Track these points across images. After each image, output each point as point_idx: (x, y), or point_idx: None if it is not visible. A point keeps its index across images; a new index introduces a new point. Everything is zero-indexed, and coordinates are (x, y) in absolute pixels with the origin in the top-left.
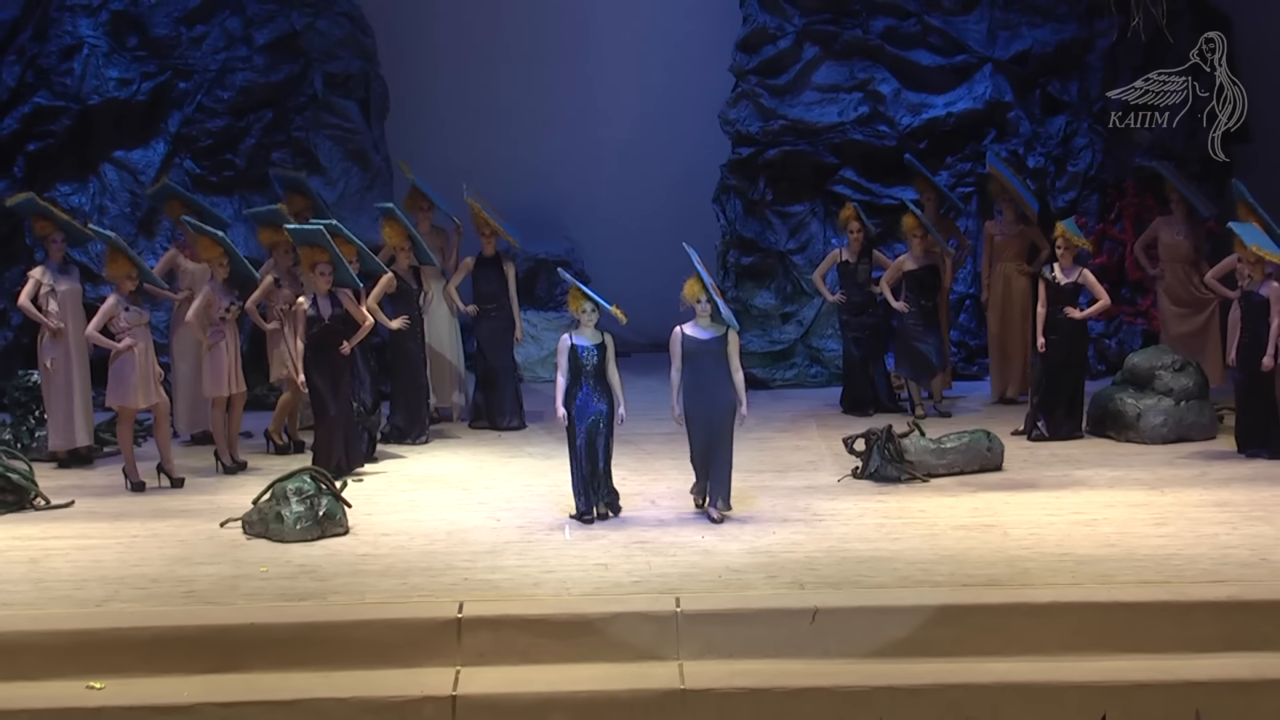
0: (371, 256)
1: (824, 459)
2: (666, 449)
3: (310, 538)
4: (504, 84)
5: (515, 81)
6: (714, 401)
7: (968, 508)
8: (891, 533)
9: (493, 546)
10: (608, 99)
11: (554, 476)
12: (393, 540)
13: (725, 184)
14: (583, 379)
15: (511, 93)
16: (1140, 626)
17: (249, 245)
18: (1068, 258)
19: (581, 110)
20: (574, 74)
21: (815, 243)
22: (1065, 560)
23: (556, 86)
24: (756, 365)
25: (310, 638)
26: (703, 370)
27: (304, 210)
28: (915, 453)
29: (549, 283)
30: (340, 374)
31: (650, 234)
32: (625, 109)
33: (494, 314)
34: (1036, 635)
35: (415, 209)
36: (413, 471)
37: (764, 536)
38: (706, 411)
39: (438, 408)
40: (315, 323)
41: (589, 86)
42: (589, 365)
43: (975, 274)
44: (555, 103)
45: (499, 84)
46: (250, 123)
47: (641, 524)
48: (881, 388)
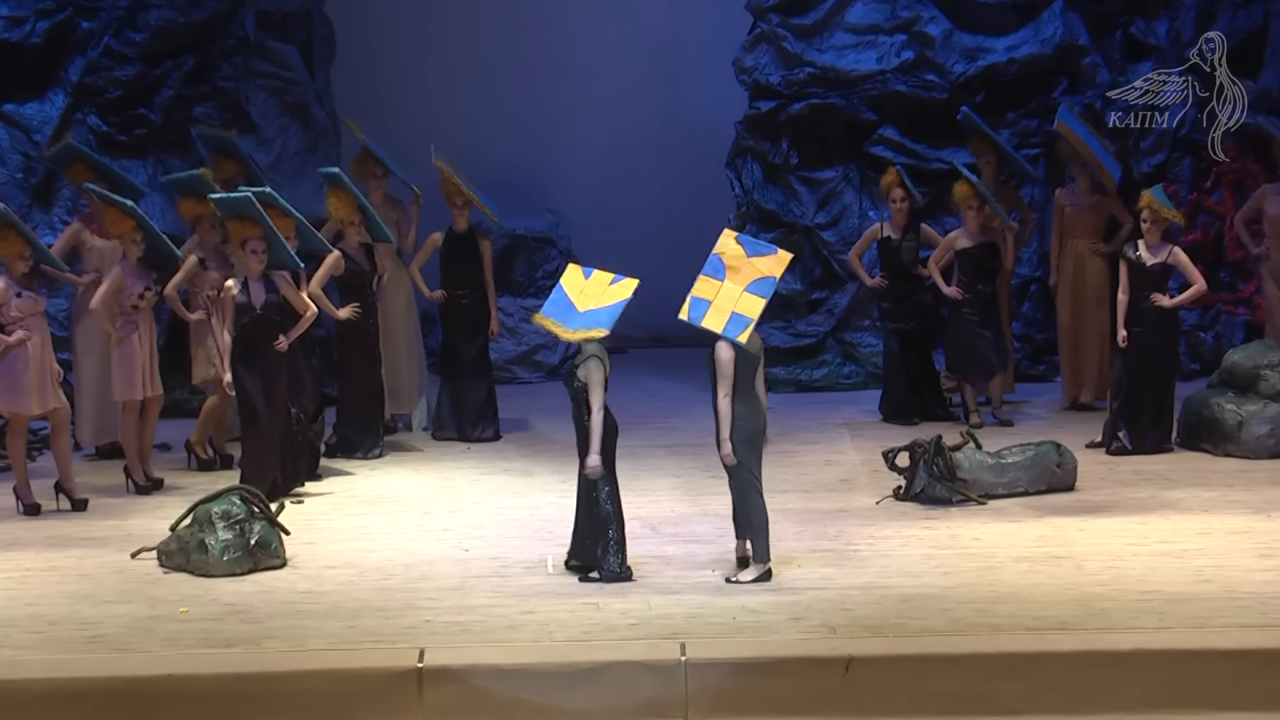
0: (314, 232)
1: (860, 477)
2: (669, 464)
3: (240, 571)
4: (476, 25)
5: (490, 22)
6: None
7: (1033, 535)
8: (941, 566)
9: (460, 582)
10: (600, 43)
11: (534, 498)
12: (340, 574)
13: (741, 145)
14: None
15: (485, 36)
16: (1241, 680)
17: (167, 218)
18: (1155, 233)
19: (569, 57)
20: (560, 13)
21: (849, 215)
22: (1150, 599)
23: (539, 29)
24: (779, 364)
25: (240, 692)
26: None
27: (233, 176)
28: (970, 469)
29: (529, 263)
30: (276, 374)
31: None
32: (621, 55)
33: (464, 301)
34: (1116, 690)
35: (367, 175)
36: (364, 492)
37: (787, 570)
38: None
39: (394, 415)
40: (246, 312)
41: (578, 28)
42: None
43: (1043, 253)
44: (537, 49)
45: (470, 25)
46: (167, 71)
47: (640, 555)
48: (929, 391)
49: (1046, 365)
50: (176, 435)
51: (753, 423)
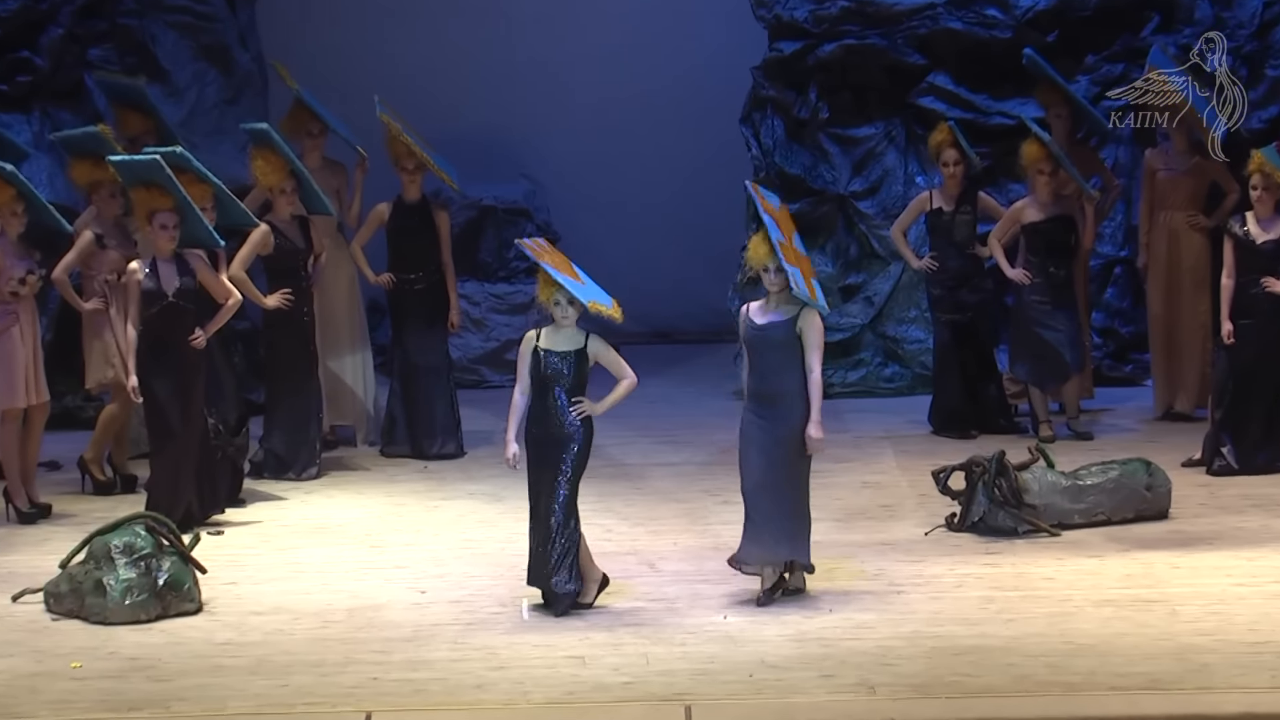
0: (236, 203)
1: (905, 502)
2: (672, 487)
3: (145, 617)
4: None
5: None
6: (775, 415)
7: (1117, 574)
8: (1005, 611)
9: (415, 631)
10: None
11: (506, 528)
12: (268, 622)
13: (759, 95)
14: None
15: None
16: None
17: (56, 186)
18: (1267, 204)
19: None
20: None
21: (892, 182)
22: (1261, 652)
23: None
24: None
25: None
26: (764, 369)
27: (139, 134)
28: (1040, 493)
29: (498, 241)
30: (191, 376)
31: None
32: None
33: (419, 288)
34: None
35: (301, 132)
36: (297, 520)
37: (816, 616)
38: (763, 430)
39: (334, 426)
40: (154, 300)
41: None
42: (561, 381)
43: (1129, 228)
44: None
45: None
46: (56, 5)
47: (636, 598)
48: (990, 397)
49: (1134, 366)
50: (68, 451)
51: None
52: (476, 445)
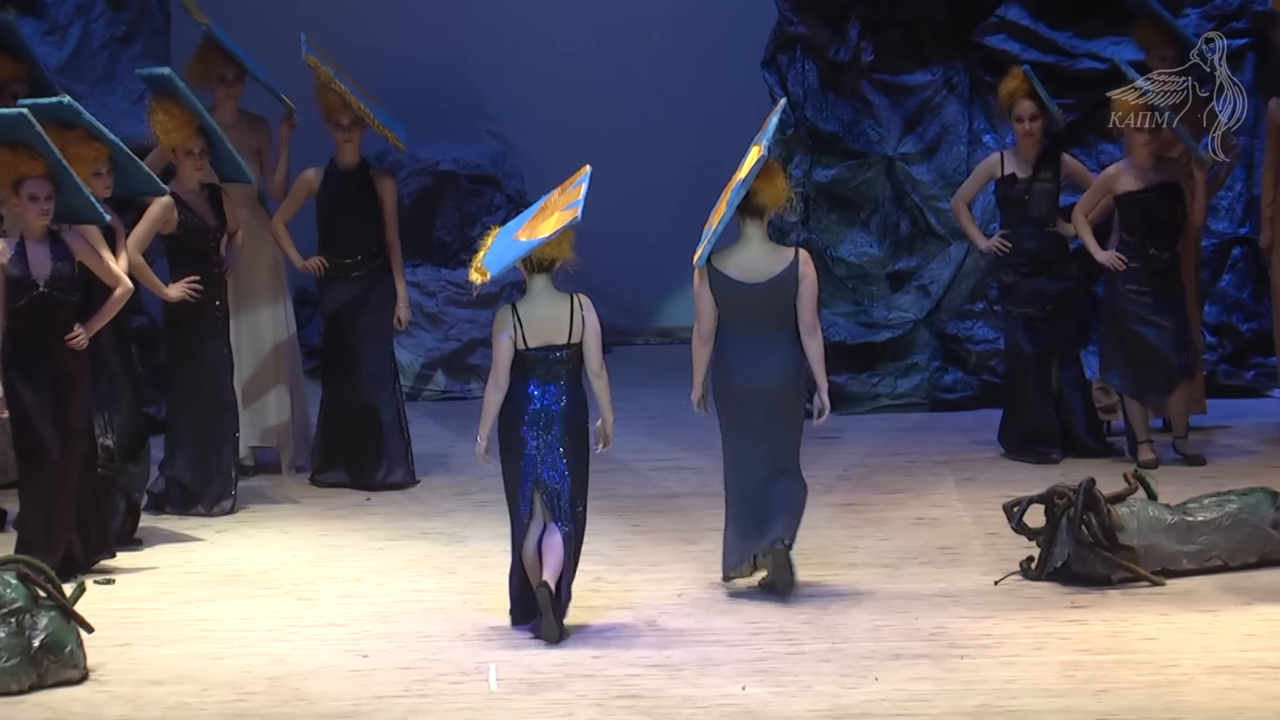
0: (140, 166)
1: (969, 542)
2: (672, 522)
3: (18, 687)
4: None
5: None
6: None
7: (1236, 634)
8: (1095, 679)
9: (355, 704)
10: None
11: (466, 576)
12: (170, 694)
13: (786, 33)
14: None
15: None
16: None
17: None
18: None
19: None
20: None
21: (953, 141)
22: None
23: None
24: (845, 369)
25: None
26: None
27: (7, 81)
28: (1139, 531)
29: (460, 215)
30: (69, 386)
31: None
32: None
33: (357, 274)
34: None
35: (212, 79)
36: (208, 566)
37: (859, 687)
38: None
39: (254, 449)
40: (23, 290)
41: None
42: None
43: (1250, 200)
44: None
45: None
46: None
47: (632, 663)
48: (1076, 411)
49: (1257, 372)
50: None
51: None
52: (430, 471)
